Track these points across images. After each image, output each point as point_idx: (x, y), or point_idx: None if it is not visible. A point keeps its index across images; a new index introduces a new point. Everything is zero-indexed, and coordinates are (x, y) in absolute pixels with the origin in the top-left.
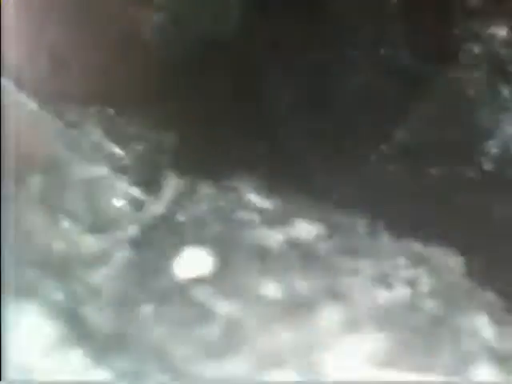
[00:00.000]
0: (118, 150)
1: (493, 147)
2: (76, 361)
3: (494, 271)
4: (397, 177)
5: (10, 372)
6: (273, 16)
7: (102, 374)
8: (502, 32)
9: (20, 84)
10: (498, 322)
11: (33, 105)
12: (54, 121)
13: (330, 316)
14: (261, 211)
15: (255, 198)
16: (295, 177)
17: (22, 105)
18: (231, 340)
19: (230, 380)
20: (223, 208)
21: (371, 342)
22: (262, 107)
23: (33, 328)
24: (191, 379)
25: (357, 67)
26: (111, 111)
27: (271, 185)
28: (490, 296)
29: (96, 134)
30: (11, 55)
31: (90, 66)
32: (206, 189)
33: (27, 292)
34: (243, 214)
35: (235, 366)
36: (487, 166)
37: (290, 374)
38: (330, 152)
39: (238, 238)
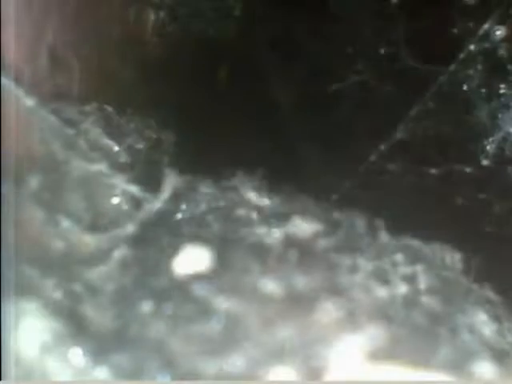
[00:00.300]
0: (117, 148)
1: (492, 145)
2: (76, 359)
3: (493, 268)
4: (396, 175)
5: (10, 371)
6: (273, 16)
7: (102, 372)
8: (500, 30)
9: (19, 82)
10: (496, 318)
11: (31, 103)
12: (52, 119)
13: (328, 312)
14: (260, 210)
15: (255, 197)
16: (295, 176)
17: (21, 103)
18: (230, 337)
19: (230, 376)
20: (223, 206)
21: (370, 338)
22: (262, 106)
23: (32, 327)
24: (191, 376)
25: (357, 67)
26: (110, 109)
27: (271, 184)
28: (489, 293)
29: (95, 132)
30: (10, 53)
31: (89, 64)
32: (205, 187)
33: (26, 291)
34: (243, 213)
35: (234, 362)
36: (486, 164)
37: (288, 370)
38: (330, 151)
39: (237, 236)
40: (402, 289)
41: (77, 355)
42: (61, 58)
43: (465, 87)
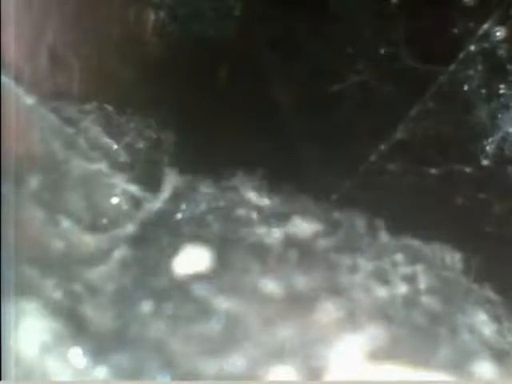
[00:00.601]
0: (117, 148)
1: (491, 145)
2: (76, 359)
3: (493, 268)
4: (396, 175)
5: (9, 371)
6: (273, 16)
7: (102, 372)
8: (500, 30)
9: (19, 81)
10: (496, 318)
11: (31, 101)
12: (52, 118)
13: (328, 312)
14: (260, 210)
15: (255, 197)
16: (295, 176)
17: (21, 102)
18: (231, 337)
19: (230, 376)
20: (223, 206)
21: (370, 338)
22: (262, 106)
23: (32, 327)
24: (191, 376)
25: (357, 67)
26: (110, 109)
27: (271, 184)
28: (489, 293)
29: (95, 131)
30: (10, 53)
31: (89, 64)
32: (205, 187)
33: (26, 291)
34: (243, 213)
35: (234, 362)
36: (486, 164)
37: (289, 370)
38: (330, 151)
39: (237, 236)
40: (402, 289)
41: (77, 355)
42: (61, 58)
43: (465, 87)
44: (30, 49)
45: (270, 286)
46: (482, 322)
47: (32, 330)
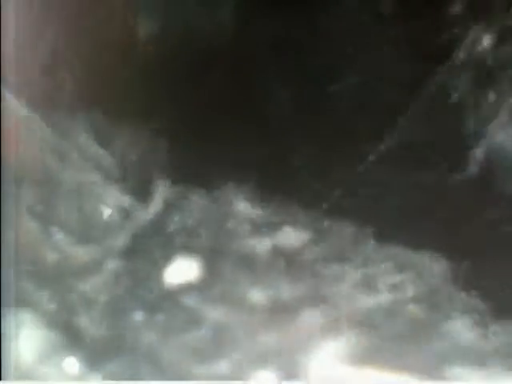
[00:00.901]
0: (109, 158)
1: (480, 152)
2: (70, 368)
3: (480, 275)
4: (383, 184)
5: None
6: (272, 16)
7: (96, 379)
8: (488, 37)
9: (11, 90)
10: (481, 325)
11: (23, 111)
12: (43, 128)
13: (315, 320)
14: (251, 220)
15: (246, 208)
16: (286, 185)
17: (12, 111)
18: (219, 344)
19: (218, 382)
20: (214, 217)
21: (355, 345)
22: (260, 112)
23: (29, 337)
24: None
25: (357, 67)
26: (103, 118)
27: (262, 194)
28: (475, 301)
29: (87, 141)
30: (10, 53)
31: (87, 66)
32: (197, 197)
33: (23, 303)
34: (234, 223)
35: (223, 368)
36: (474, 172)
37: (274, 376)
38: (319, 159)
39: (228, 246)
40: (389, 296)
41: (71, 363)
42: (61, 58)
43: (453, 94)
44: (29, 49)
45: (258, 295)
46: (467, 329)
47: (28, 338)
